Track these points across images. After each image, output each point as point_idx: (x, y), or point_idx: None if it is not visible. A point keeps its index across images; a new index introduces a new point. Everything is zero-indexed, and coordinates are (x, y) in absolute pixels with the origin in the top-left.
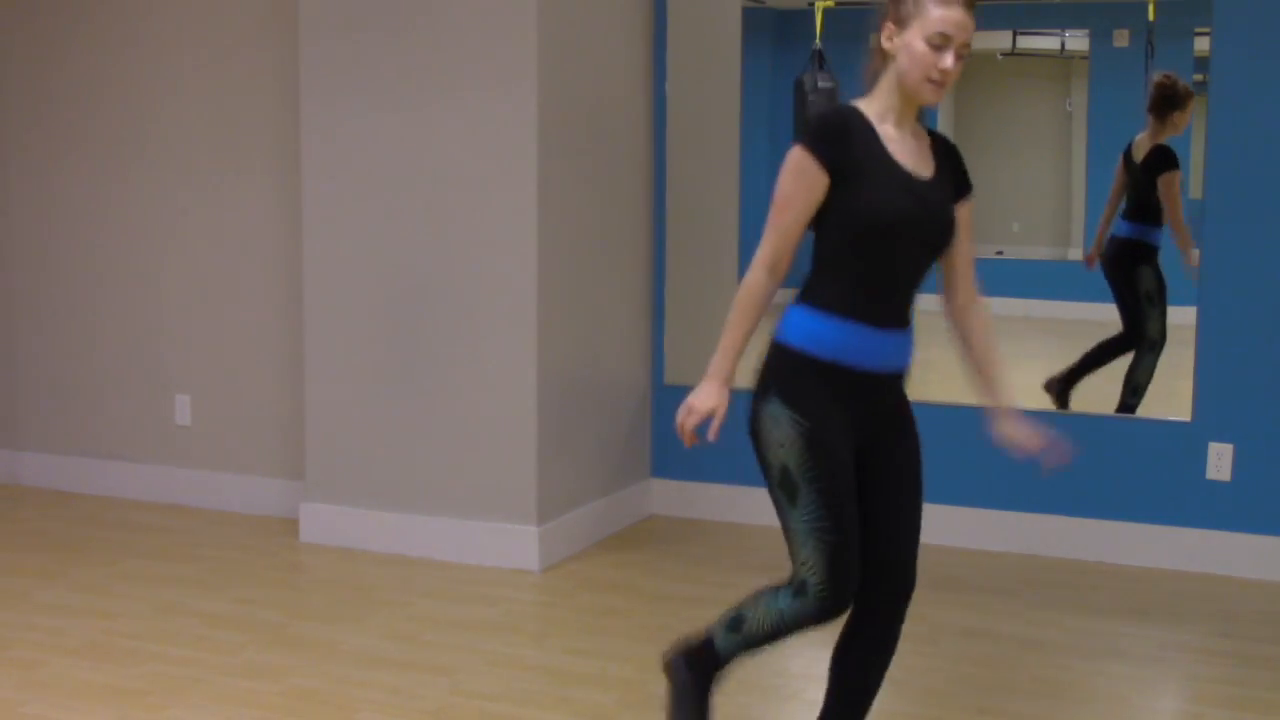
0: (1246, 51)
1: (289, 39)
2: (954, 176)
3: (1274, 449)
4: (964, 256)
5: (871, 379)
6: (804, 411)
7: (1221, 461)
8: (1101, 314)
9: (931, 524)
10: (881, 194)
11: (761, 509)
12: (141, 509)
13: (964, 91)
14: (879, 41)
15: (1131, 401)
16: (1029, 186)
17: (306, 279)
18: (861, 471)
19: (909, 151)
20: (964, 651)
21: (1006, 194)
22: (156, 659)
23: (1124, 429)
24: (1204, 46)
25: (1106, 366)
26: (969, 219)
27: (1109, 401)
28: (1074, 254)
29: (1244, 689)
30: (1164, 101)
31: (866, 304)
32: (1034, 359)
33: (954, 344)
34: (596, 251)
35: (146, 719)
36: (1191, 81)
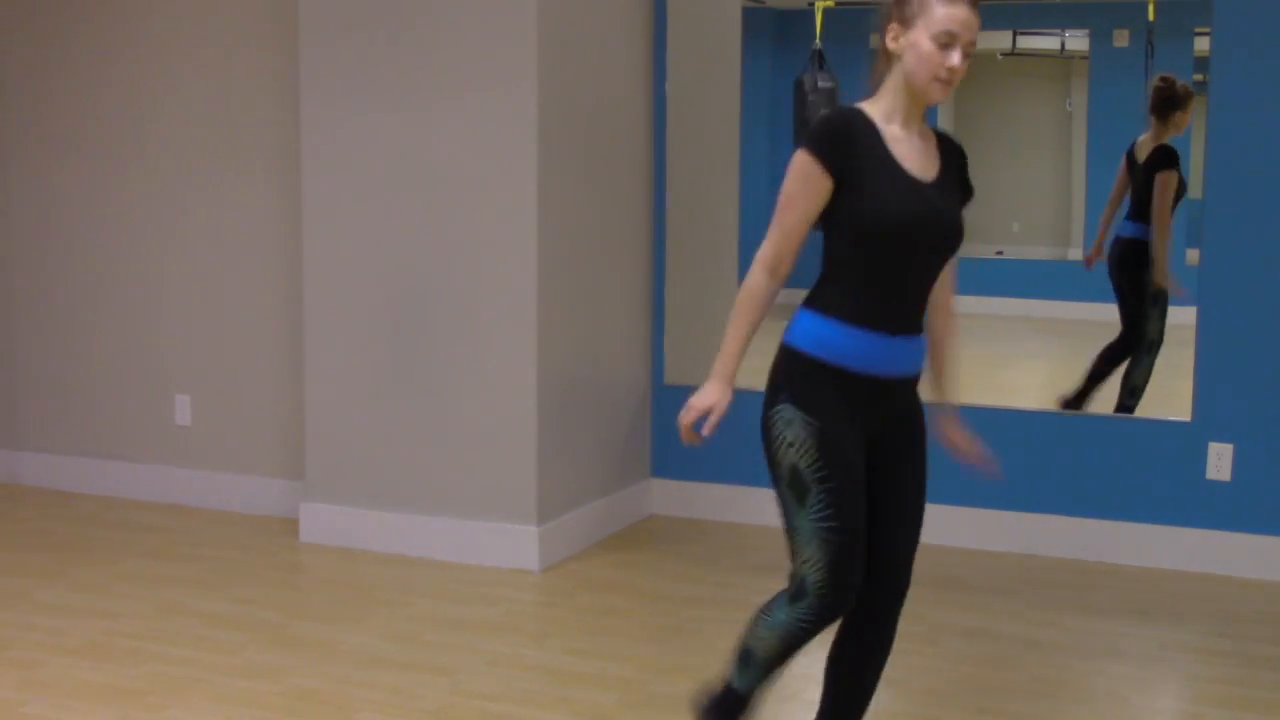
0: (1246, 51)
1: (289, 39)
2: (958, 178)
3: (1274, 449)
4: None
5: (882, 384)
6: (816, 413)
7: (1221, 461)
8: (1101, 314)
9: (931, 524)
10: (886, 198)
11: (762, 509)
12: (141, 509)
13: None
14: (883, 42)
15: (1129, 402)
16: (1029, 186)
17: (306, 279)
18: (868, 472)
19: (915, 152)
20: (964, 651)
21: (1006, 194)
22: (156, 659)
23: (1124, 429)
24: (1204, 46)
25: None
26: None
27: (1108, 402)
28: (1074, 254)
29: (1244, 689)
30: (1164, 103)
31: (875, 309)
32: (1034, 359)
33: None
34: (596, 251)
35: (146, 719)
36: (1191, 81)
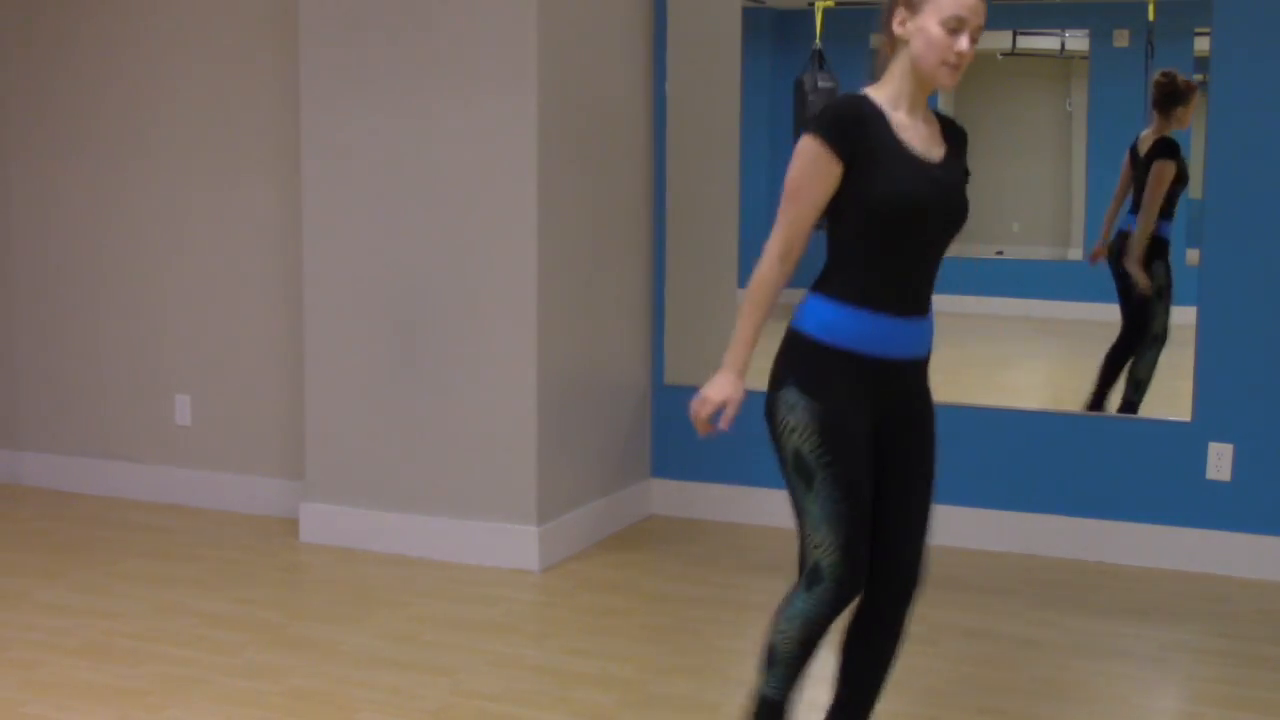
0: (1246, 51)
1: (289, 40)
2: (960, 159)
3: (1274, 449)
4: None
5: (890, 366)
6: (820, 397)
7: (1221, 461)
8: (1101, 314)
9: (932, 524)
10: (897, 181)
11: (762, 509)
12: (141, 509)
13: (964, 91)
14: (889, 27)
15: (1134, 398)
16: (1029, 186)
17: (306, 279)
18: (877, 455)
19: (920, 137)
20: (964, 651)
21: (1006, 194)
22: (156, 659)
23: (1124, 429)
24: (1204, 46)
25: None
26: None
27: (1109, 401)
28: (1074, 254)
29: (1243, 689)
30: (1166, 98)
31: (884, 292)
32: (1034, 359)
33: None
34: (597, 252)
35: (146, 719)
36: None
